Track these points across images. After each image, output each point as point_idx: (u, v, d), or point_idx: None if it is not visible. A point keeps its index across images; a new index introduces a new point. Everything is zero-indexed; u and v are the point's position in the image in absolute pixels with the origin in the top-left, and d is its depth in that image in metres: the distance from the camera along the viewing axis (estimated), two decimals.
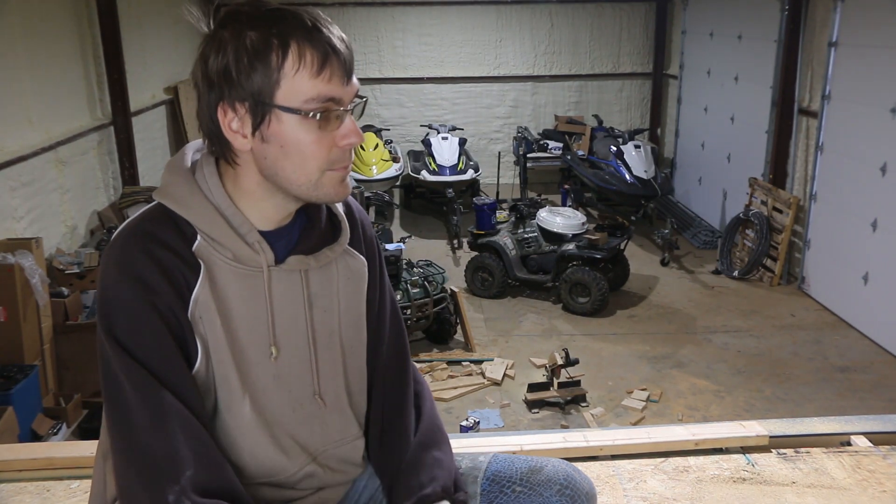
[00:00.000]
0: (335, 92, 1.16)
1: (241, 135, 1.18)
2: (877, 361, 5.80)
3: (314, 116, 1.15)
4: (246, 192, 1.24)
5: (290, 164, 1.19)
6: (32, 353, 4.52)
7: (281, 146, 1.17)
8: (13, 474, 2.22)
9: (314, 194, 1.22)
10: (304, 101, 1.14)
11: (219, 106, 1.17)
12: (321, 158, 1.19)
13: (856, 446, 2.34)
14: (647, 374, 5.63)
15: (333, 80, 1.15)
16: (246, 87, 1.14)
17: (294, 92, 1.14)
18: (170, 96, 8.61)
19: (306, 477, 1.34)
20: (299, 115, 1.15)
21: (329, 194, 1.23)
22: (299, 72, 1.13)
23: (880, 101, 5.93)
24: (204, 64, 1.17)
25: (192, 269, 1.20)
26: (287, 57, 1.13)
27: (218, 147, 1.22)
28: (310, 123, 1.16)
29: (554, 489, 1.37)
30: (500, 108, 11.05)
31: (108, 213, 6.69)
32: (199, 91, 1.19)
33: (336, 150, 1.19)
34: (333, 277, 1.35)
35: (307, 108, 1.15)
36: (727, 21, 8.70)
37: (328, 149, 1.19)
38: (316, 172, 1.20)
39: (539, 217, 7.08)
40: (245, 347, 1.25)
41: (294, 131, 1.16)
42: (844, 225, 6.48)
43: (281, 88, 1.14)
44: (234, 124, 1.18)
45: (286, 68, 1.13)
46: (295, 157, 1.18)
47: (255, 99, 1.15)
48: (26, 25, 5.62)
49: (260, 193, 1.24)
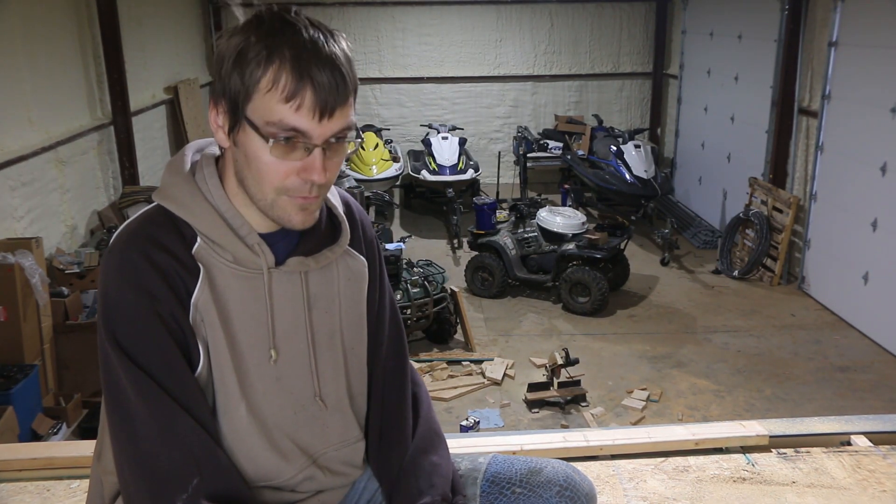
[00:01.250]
0: (302, 124, 1.11)
1: (222, 131, 1.19)
2: (877, 361, 5.80)
3: (269, 142, 1.12)
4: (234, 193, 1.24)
5: (250, 177, 1.18)
6: (32, 352, 4.52)
7: (246, 156, 1.17)
8: (13, 474, 2.22)
9: (271, 214, 1.20)
10: (266, 122, 1.12)
11: (211, 97, 1.19)
12: (276, 182, 1.16)
13: (856, 446, 2.33)
14: (647, 373, 5.63)
15: (302, 111, 1.11)
16: (228, 87, 1.14)
17: (261, 110, 1.12)
18: (170, 96, 8.60)
19: (306, 480, 1.33)
20: (258, 134, 1.13)
21: (286, 219, 1.20)
22: (270, 92, 1.11)
23: (880, 100, 5.93)
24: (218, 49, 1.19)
25: (191, 273, 1.20)
26: (265, 74, 1.10)
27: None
28: (279, 148, 1.13)
29: (554, 490, 1.37)
30: (500, 108, 11.05)
31: (108, 212, 6.69)
32: None
33: (294, 178, 1.16)
34: (334, 278, 1.34)
35: (266, 130, 1.12)
36: (727, 21, 8.70)
37: (285, 175, 1.16)
38: (271, 193, 1.17)
39: (539, 217, 7.08)
40: (245, 350, 1.25)
41: (256, 147, 1.15)
42: (844, 225, 6.48)
43: (252, 101, 1.13)
44: (220, 119, 1.19)
45: (261, 84, 1.11)
46: (254, 172, 1.17)
47: (231, 102, 1.15)
48: (26, 26, 5.62)
49: (242, 196, 1.23)
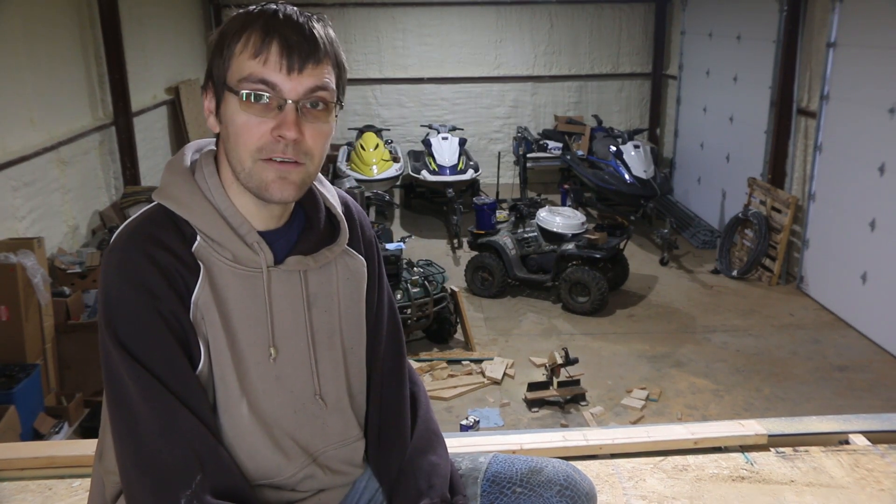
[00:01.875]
0: (269, 76, 1.16)
1: (213, 115, 1.24)
2: (875, 360, 5.81)
3: (244, 97, 1.17)
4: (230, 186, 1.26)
5: (230, 148, 1.21)
6: (34, 352, 4.53)
7: (227, 127, 1.21)
8: (15, 473, 2.22)
9: (251, 184, 1.21)
10: (238, 80, 1.17)
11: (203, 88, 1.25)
12: (250, 144, 1.18)
13: (854, 445, 2.34)
14: (646, 373, 5.65)
15: (269, 63, 1.16)
16: (213, 69, 1.21)
17: (236, 72, 1.18)
18: (171, 96, 8.61)
19: (306, 478, 1.34)
20: (234, 94, 1.18)
21: (263, 188, 1.20)
22: (242, 53, 1.17)
23: (878, 101, 5.94)
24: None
25: (191, 272, 1.20)
26: (239, 40, 1.17)
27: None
28: (242, 104, 1.17)
29: (554, 490, 1.38)
30: (500, 108, 11.06)
31: (110, 212, 6.70)
32: None
33: (267, 138, 1.18)
34: (333, 278, 1.35)
35: (239, 87, 1.17)
36: (726, 21, 8.71)
37: (258, 136, 1.18)
38: (248, 160, 1.19)
39: (539, 217, 7.09)
40: (244, 348, 1.25)
41: (234, 112, 1.19)
42: (843, 224, 6.49)
43: (230, 69, 1.19)
44: (212, 105, 1.24)
45: (235, 50, 1.18)
46: (231, 139, 1.20)
47: (215, 80, 1.21)
48: (28, 26, 5.63)
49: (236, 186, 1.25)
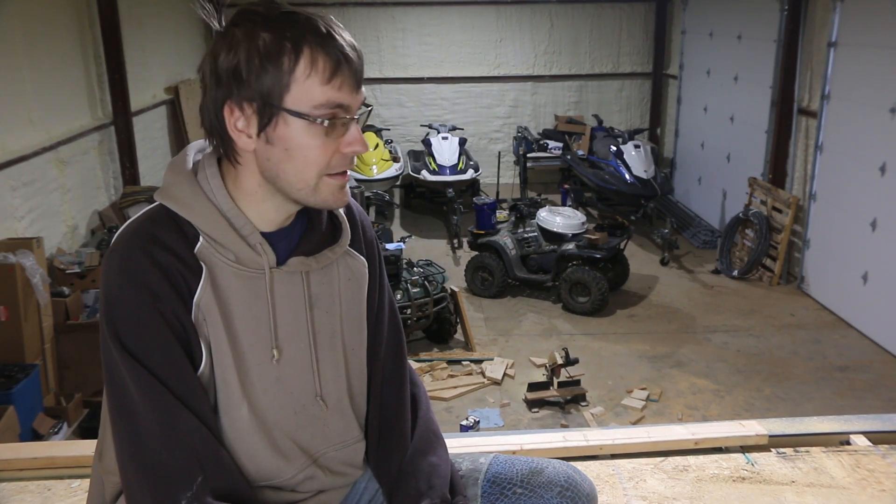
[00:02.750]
0: (344, 99, 1.16)
1: (245, 134, 1.18)
2: (876, 361, 5.80)
3: (322, 122, 1.16)
4: (247, 192, 1.24)
5: (292, 168, 1.19)
6: (33, 352, 4.52)
7: (285, 149, 1.17)
8: (14, 473, 2.22)
9: (312, 199, 1.22)
10: (313, 106, 1.15)
11: (226, 104, 1.17)
12: (322, 164, 1.19)
13: (855, 445, 2.34)
14: (646, 373, 5.64)
15: (343, 88, 1.16)
16: (255, 87, 1.14)
17: (304, 97, 1.14)
18: (170, 96, 8.61)
19: (307, 479, 1.33)
20: (307, 120, 1.15)
21: (327, 201, 1.23)
22: (310, 77, 1.14)
23: (879, 100, 5.94)
24: (213, 60, 1.16)
25: (193, 273, 1.20)
26: (299, 61, 1.13)
27: (220, 144, 1.22)
28: (316, 129, 1.16)
29: (555, 491, 1.38)
30: (500, 108, 11.05)
31: (109, 212, 6.70)
32: (205, 86, 1.19)
33: (338, 156, 1.20)
34: (334, 278, 1.34)
35: (315, 113, 1.15)
36: (727, 21, 8.70)
37: (331, 154, 1.19)
38: (314, 177, 1.20)
39: (539, 217, 7.08)
40: (246, 349, 1.25)
41: (300, 135, 1.16)
42: (844, 224, 6.49)
43: (290, 92, 1.14)
44: (240, 123, 1.18)
45: (297, 73, 1.14)
46: (298, 161, 1.18)
47: (263, 100, 1.15)
48: (27, 26, 5.62)
49: (261, 194, 1.23)
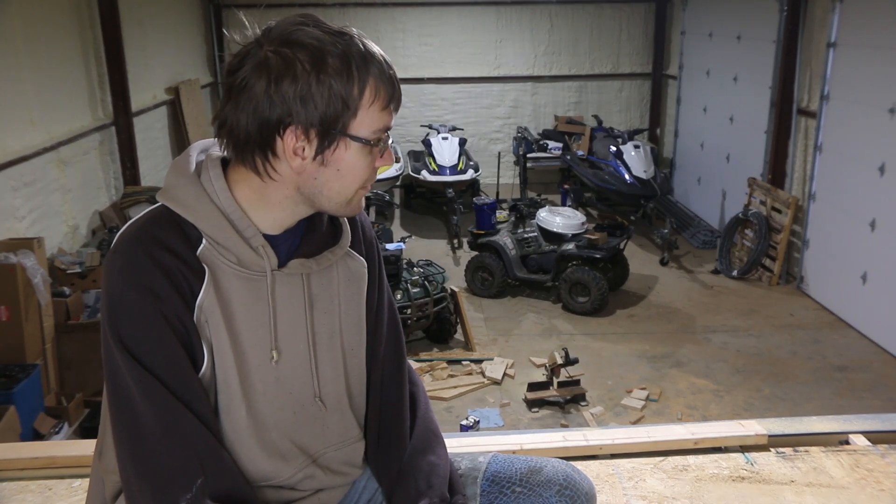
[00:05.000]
0: (390, 122, 1.24)
1: (300, 157, 1.19)
2: (875, 360, 5.81)
3: (375, 144, 1.22)
4: (267, 201, 1.24)
5: (339, 185, 1.23)
6: (34, 352, 4.53)
7: (338, 170, 1.22)
8: (15, 473, 2.22)
9: (344, 210, 1.28)
10: (373, 131, 1.21)
11: (289, 128, 1.16)
12: (362, 179, 1.25)
13: (854, 445, 2.34)
14: (646, 373, 5.65)
15: (392, 112, 1.24)
16: (324, 113, 1.16)
17: (366, 123, 1.20)
18: (171, 97, 8.61)
19: (306, 478, 1.34)
20: (361, 143, 1.21)
21: (353, 210, 1.30)
22: (373, 105, 1.19)
23: (879, 101, 5.94)
24: (274, 80, 1.13)
25: (196, 274, 1.20)
26: (365, 91, 1.18)
27: (258, 160, 1.20)
28: (368, 150, 1.22)
29: (553, 489, 1.38)
30: (500, 109, 11.05)
31: (110, 212, 6.70)
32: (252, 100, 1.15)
33: (371, 170, 1.26)
34: (334, 279, 1.35)
35: (374, 137, 1.21)
36: (726, 21, 8.71)
37: (369, 171, 1.25)
38: (353, 192, 1.26)
39: (539, 217, 7.09)
40: (247, 351, 1.25)
41: (355, 157, 1.22)
42: (843, 225, 6.49)
43: (356, 119, 1.19)
44: (300, 147, 1.18)
45: (363, 101, 1.18)
46: (347, 179, 1.23)
47: (328, 126, 1.17)
48: (28, 27, 5.63)
49: (284, 204, 1.25)
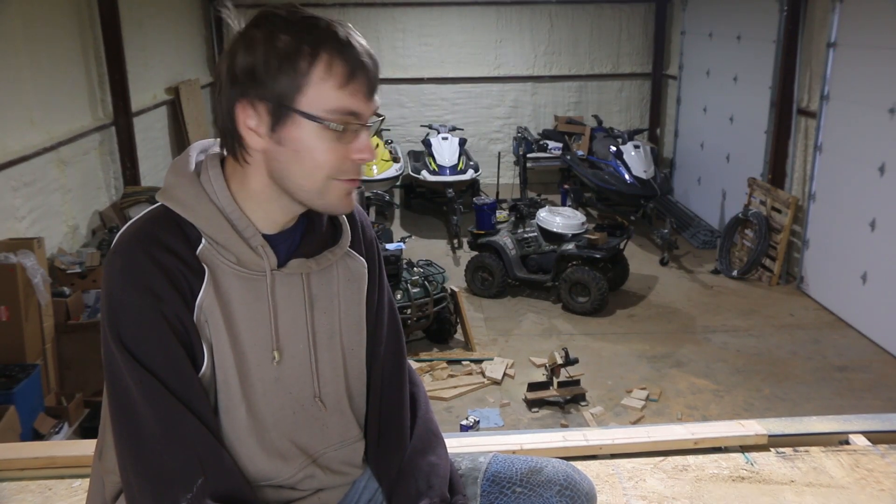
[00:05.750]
0: (357, 107, 1.17)
1: (256, 133, 1.18)
2: (875, 361, 5.81)
3: (334, 128, 1.17)
4: (252, 193, 1.24)
5: (301, 169, 1.19)
6: (34, 352, 4.52)
7: (295, 150, 1.18)
8: (15, 473, 2.22)
9: (318, 202, 1.23)
10: (327, 110, 1.16)
11: (238, 102, 1.17)
12: (331, 167, 1.19)
13: (854, 445, 2.34)
14: (646, 373, 5.65)
15: (357, 95, 1.17)
16: (270, 87, 1.15)
17: (318, 100, 1.15)
18: (171, 97, 8.61)
19: (306, 478, 1.34)
20: (318, 124, 1.16)
21: (333, 205, 1.24)
22: (326, 81, 1.15)
23: (879, 101, 5.94)
24: (231, 59, 1.17)
25: (195, 274, 1.20)
26: (316, 65, 1.14)
27: (230, 143, 1.22)
28: (327, 133, 1.17)
29: (554, 490, 1.38)
30: (500, 109, 11.06)
31: (110, 212, 6.70)
32: (220, 85, 1.20)
33: (347, 161, 1.20)
34: (334, 279, 1.35)
35: (328, 118, 1.16)
36: (726, 22, 8.71)
37: (340, 159, 1.19)
38: (322, 180, 1.20)
39: (539, 217, 7.08)
40: (247, 351, 1.25)
41: (310, 138, 1.17)
42: (843, 225, 6.49)
43: (305, 95, 1.15)
44: (252, 122, 1.18)
45: (314, 76, 1.14)
46: (307, 163, 1.19)
47: (277, 101, 1.16)
48: (28, 26, 5.63)
49: (267, 195, 1.24)
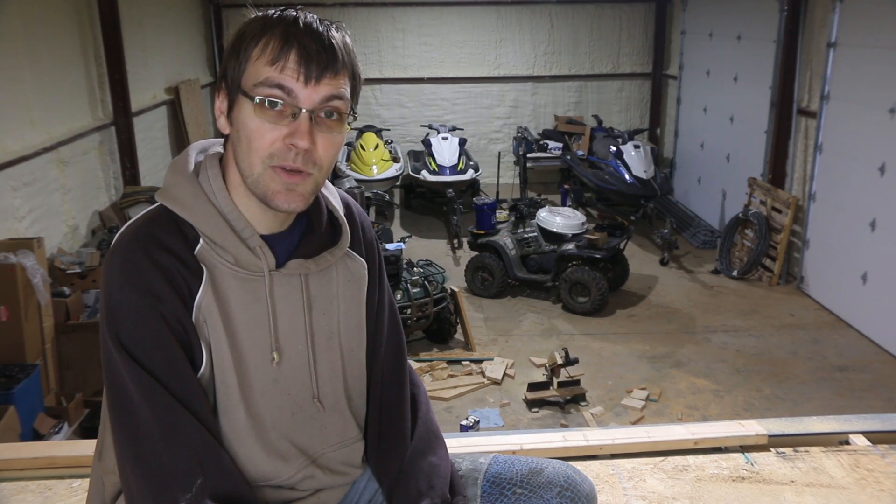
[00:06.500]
0: (286, 83, 1.15)
1: (224, 115, 1.24)
2: (875, 361, 5.81)
3: (258, 102, 1.16)
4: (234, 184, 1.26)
5: (241, 152, 1.21)
6: (34, 352, 4.52)
7: (238, 130, 1.21)
8: (15, 473, 2.23)
9: (258, 191, 1.21)
10: (254, 84, 1.17)
11: (217, 90, 1.25)
12: (261, 150, 1.18)
13: (854, 445, 2.35)
14: (646, 373, 5.64)
15: (287, 70, 1.15)
16: (227, 70, 1.21)
17: (252, 77, 1.18)
18: (171, 96, 8.61)
19: (306, 478, 1.34)
20: (249, 100, 1.17)
21: (270, 197, 1.20)
22: (259, 58, 1.17)
23: (879, 101, 5.94)
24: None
25: (194, 274, 1.20)
26: (257, 45, 1.17)
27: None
28: (261, 111, 1.17)
29: (554, 491, 1.38)
30: (500, 109, 11.05)
31: (110, 212, 6.70)
32: None
33: (279, 145, 1.18)
34: (333, 280, 1.35)
35: (254, 91, 1.17)
36: (726, 21, 8.71)
37: (270, 142, 1.18)
38: (258, 165, 1.19)
39: (539, 217, 7.08)
40: (245, 351, 1.25)
41: (247, 116, 1.19)
42: (843, 225, 6.49)
43: (246, 73, 1.18)
44: (221, 104, 1.24)
45: (252, 54, 1.17)
46: (243, 143, 1.20)
47: (231, 83, 1.20)
48: (28, 26, 5.63)
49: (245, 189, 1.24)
